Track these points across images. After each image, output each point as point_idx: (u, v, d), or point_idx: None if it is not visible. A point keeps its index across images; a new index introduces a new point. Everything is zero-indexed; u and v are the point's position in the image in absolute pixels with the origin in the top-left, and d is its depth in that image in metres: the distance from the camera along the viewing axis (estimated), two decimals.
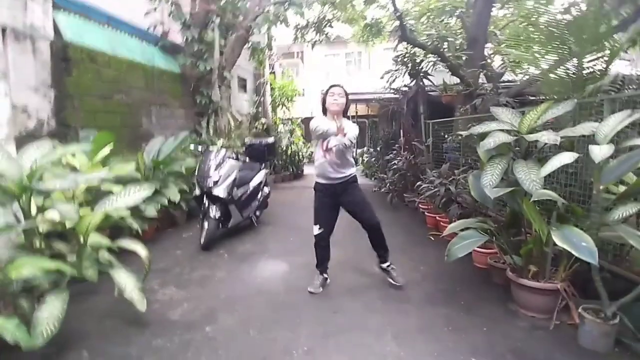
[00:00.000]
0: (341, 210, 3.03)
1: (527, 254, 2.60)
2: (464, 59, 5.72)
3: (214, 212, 4.19)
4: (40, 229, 2.37)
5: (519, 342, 2.23)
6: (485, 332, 2.35)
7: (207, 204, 4.24)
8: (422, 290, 3.00)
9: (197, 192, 4.37)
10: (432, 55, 6.21)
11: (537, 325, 2.42)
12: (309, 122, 3.08)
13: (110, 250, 2.65)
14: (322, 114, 3.00)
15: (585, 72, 3.09)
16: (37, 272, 1.95)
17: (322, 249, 3.04)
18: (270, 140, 5.92)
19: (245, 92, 10.64)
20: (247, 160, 5.24)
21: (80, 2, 4.93)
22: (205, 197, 4.28)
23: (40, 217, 2.36)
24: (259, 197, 5.04)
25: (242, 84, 10.48)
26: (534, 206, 2.43)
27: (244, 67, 10.04)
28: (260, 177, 5.11)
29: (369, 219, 2.98)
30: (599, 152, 2.01)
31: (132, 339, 2.28)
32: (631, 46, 3.74)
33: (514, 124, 2.67)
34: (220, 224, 4.26)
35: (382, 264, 3.09)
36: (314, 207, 3.03)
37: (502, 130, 2.65)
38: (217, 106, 7.28)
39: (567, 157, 2.22)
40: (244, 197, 4.63)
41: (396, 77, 7.09)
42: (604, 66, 3.02)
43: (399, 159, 6.38)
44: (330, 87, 2.96)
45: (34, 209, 2.29)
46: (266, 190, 5.32)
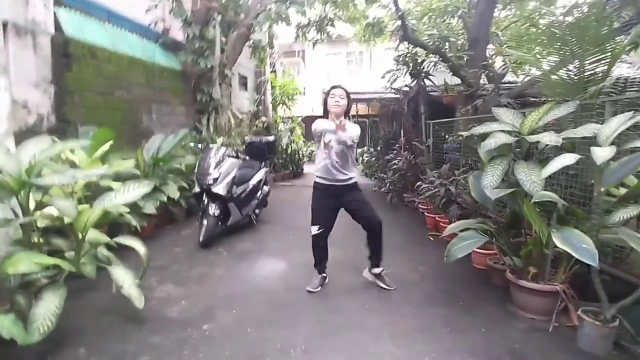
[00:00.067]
0: (341, 210, 3.00)
1: (527, 256, 2.59)
2: (465, 59, 5.72)
3: (213, 209, 4.17)
4: (38, 224, 2.36)
5: (517, 344, 2.22)
6: (483, 333, 2.34)
7: (206, 201, 4.23)
8: (421, 290, 3.00)
9: (197, 189, 4.36)
10: (433, 55, 6.21)
11: (536, 327, 2.42)
12: (309, 120, 3.06)
13: (108, 246, 2.64)
14: (323, 115, 2.97)
15: (586, 74, 3.08)
16: (34, 267, 1.94)
17: (321, 249, 3.03)
18: (270, 138, 5.92)
19: (246, 90, 10.63)
20: (247, 158, 5.24)
21: None
22: (204, 195, 4.27)
23: (38, 212, 2.35)
24: (258, 195, 5.04)
25: (243, 82, 10.46)
26: (535, 207, 2.42)
27: (244, 65, 10.03)
28: (260, 175, 5.10)
29: (371, 219, 2.93)
30: (601, 154, 2.00)
31: (130, 336, 2.27)
32: (633, 49, 3.74)
33: (515, 125, 2.66)
34: (219, 222, 4.26)
35: (375, 269, 3.05)
36: (313, 207, 2.97)
37: (503, 131, 2.64)
38: (218, 104, 7.27)
39: (568, 159, 2.21)
40: (243, 195, 4.63)
41: (397, 76, 7.09)
42: (606, 68, 3.01)
43: (399, 158, 6.37)
44: (331, 88, 2.93)
45: (32, 204, 2.27)
46: (266, 188, 5.31)
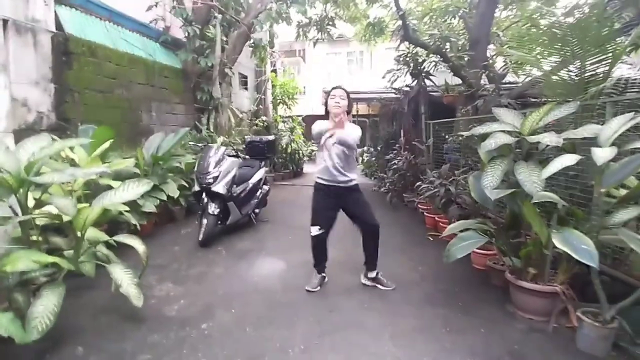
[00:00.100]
0: (341, 210, 3.00)
1: (527, 256, 2.59)
2: (466, 59, 5.71)
3: (213, 208, 4.17)
4: (37, 222, 2.36)
5: (516, 345, 2.22)
6: (483, 334, 2.34)
7: (206, 200, 4.23)
8: (420, 290, 2.99)
9: (196, 188, 4.35)
10: (434, 55, 6.20)
11: (535, 327, 2.41)
12: (309, 120, 3.06)
13: (108, 245, 2.64)
14: (325, 115, 2.97)
15: (587, 74, 3.08)
16: (32, 265, 1.93)
17: (320, 249, 3.02)
18: (270, 138, 5.91)
19: (246, 89, 10.62)
20: (247, 157, 5.24)
21: None
22: (204, 194, 4.27)
23: (37, 210, 2.35)
24: (258, 194, 5.03)
25: (243, 81, 10.46)
26: (535, 208, 2.42)
27: (245, 64, 10.02)
28: (259, 174, 5.10)
29: (369, 220, 2.94)
30: (602, 155, 2.00)
31: (128, 335, 2.27)
32: (633, 50, 3.73)
33: (515, 126, 2.65)
34: (219, 221, 4.25)
35: (371, 273, 3.05)
36: (313, 208, 2.97)
37: (504, 131, 2.64)
38: (218, 103, 7.27)
39: (568, 159, 2.21)
40: (243, 194, 4.62)
41: (398, 76, 7.08)
42: (607, 69, 3.01)
43: (399, 158, 6.36)
44: (332, 89, 2.93)
45: (31, 202, 2.27)
46: (265, 188, 5.31)
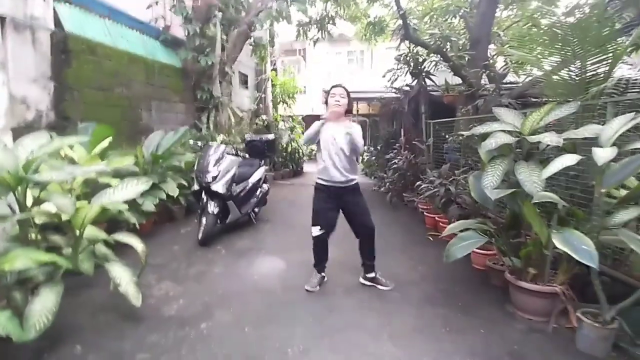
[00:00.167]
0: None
1: (527, 257, 2.58)
2: (466, 59, 5.70)
3: (213, 207, 4.16)
4: (36, 220, 2.35)
5: (516, 345, 2.22)
6: (482, 334, 2.33)
7: (205, 199, 4.22)
8: (420, 290, 2.99)
9: (196, 187, 4.34)
10: (434, 54, 6.19)
11: (535, 328, 2.41)
12: (310, 119, 3.05)
13: (107, 244, 2.63)
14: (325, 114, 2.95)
15: (588, 74, 3.07)
16: (31, 264, 1.92)
17: (321, 249, 3.02)
18: (270, 137, 5.89)
19: (246, 88, 10.61)
20: (247, 156, 5.22)
21: None
22: (203, 193, 4.26)
23: (35, 208, 2.34)
24: (257, 193, 5.02)
25: (244, 80, 10.44)
26: (535, 208, 2.41)
27: (245, 63, 10.01)
28: (259, 173, 5.09)
29: (366, 224, 2.95)
30: (602, 155, 1.99)
31: (127, 334, 2.26)
32: (634, 50, 3.72)
33: (516, 125, 2.65)
34: (218, 220, 4.24)
35: (369, 274, 3.05)
36: (314, 208, 2.96)
37: (504, 131, 2.63)
38: (218, 101, 7.25)
39: (569, 160, 2.20)
40: (242, 193, 4.61)
41: (398, 76, 7.07)
42: (607, 69, 3.00)
43: (399, 158, 6.36)
44: (332, 87, 2.93)
45: (29, 201, 2.26)
46: (265, 187, 5.30)
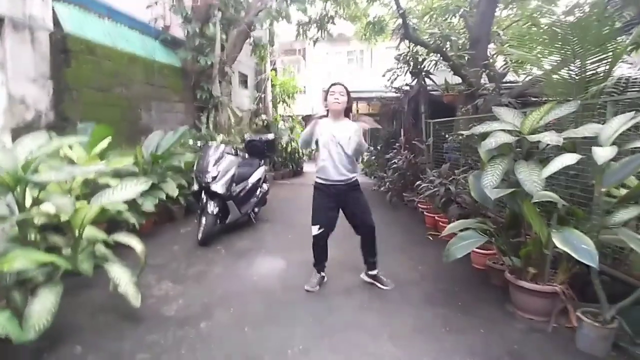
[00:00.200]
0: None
1: (527, 256, 2.58)
2: (466, 58, 5.69)
3: (212, 207, 4.15)
4: (35, 221, 2.34)
5: (516, 345, 2.21)
6: (482, 334, 2.33)
7: (205, 199, 4.22)
8: (420, 290, 2.98)
9: (196, 187, 4.34)
10: (434, 54, 6.18)
11: (535, 327, 2.40)
12: (309, 120, 3.03)
13: (106, 244, 2.63)
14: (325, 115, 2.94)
15: (588, 73, 3.06)
16: (30, 264, 1.92)
17: (321, 248, 3.01)
18: (270, 136, 5.88)
19: (246, 88, 10.60)
20: (247, 156, 5.22)
21: None
22: (203, 193, 4.26)
23: (35, 209, 2.33)
24: (257, 193, 5.02)
25: (243, 80, 10.44)
26: (535, 208, 2.41)
27: (245, 62, 10.00)
28: (259, 173, 5.08)
29: (366, 222, 2.94)
30: (602, 154, 1.98)
31: (126, 334, 2.26)
32: (634, 49, 3.72)
33: (516, 125, 2.64)
34: (218, 220, 4.24)
35: (371, 271, 3.05)
36: (313, 207, 2.95)
37: (504, 130, 2.62)
38: (218, 101, 7.25)
39: (569, 159, 2.20)
40: (242, 193, 4.61)
41: (398, 75, 7.06)
42: (607, 68, 3.00)
43: (399, 158, 6.35)
44: (331, 85, 2.90)
45: (28, 201, 2.26)
46: (265, 187, 5.29)
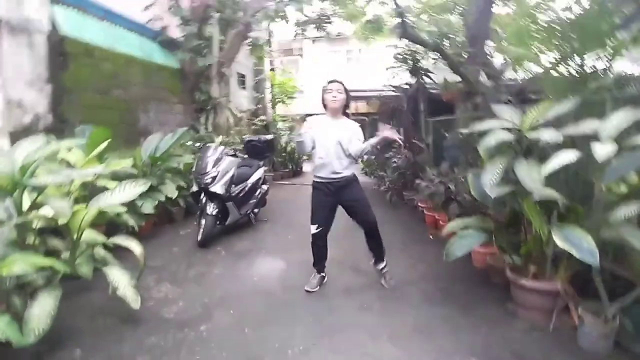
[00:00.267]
0: (339, 209, 2.97)
1: (527, 254, 2.57)
2: (465, 56, 5.68)
3: (212, 209, 4.15)
4: (34, 224, 2.34)
5: (517, 343, 2.21)
6: (483, 333, 2.32)
7: (204, 200, 4.21)
8: (420, 289, 2.98)
9: (195, 188, 4.33)
10: (433, 52, 6.16)
11: (536, 326, 2.39)
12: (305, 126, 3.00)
13: (106, 247, 2.62)
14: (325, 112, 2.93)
15: (587, 70, 3.05)
16: (29, 268, 1.91)
17: (320, 248, 3.00)
18: (269, 137, 5.87)
19: (244, 88, 10.59)
20: (246, 157, 5.21)
21: None
22: (202, 194, 4.25)
23: (33, 212, 2.33)
24: (257, 194, 5.01)
25: (242, 80, 10.42)
26: (535, 205, 2.40)
27: (243, 63, 9.99)
28: (258, 174, 5.08)
29: (365, 216, 2.92)
30: (602, 151, 1.97)
31: (126, 337, 2.26)
32: (634, 45, 3.70)
33: (515, 122, 2.63)
34: (217, 221, 4.23)
35: (378, 265, 3.06)
36: (312, 206, 2.94)
37: (504, 128, 2.61)
38: (216, 102, 7.24)
39: (569, 156, 2.19)
40: (242, 194, 4.60)
41: (397, 73, 7.05)
42: (607, 64, 2.98)
43: (398, 157, 6.34)
44: (328, 83, 2.88)
45: (26, 204, 2.25)
46: (264, 187, 5.29)
